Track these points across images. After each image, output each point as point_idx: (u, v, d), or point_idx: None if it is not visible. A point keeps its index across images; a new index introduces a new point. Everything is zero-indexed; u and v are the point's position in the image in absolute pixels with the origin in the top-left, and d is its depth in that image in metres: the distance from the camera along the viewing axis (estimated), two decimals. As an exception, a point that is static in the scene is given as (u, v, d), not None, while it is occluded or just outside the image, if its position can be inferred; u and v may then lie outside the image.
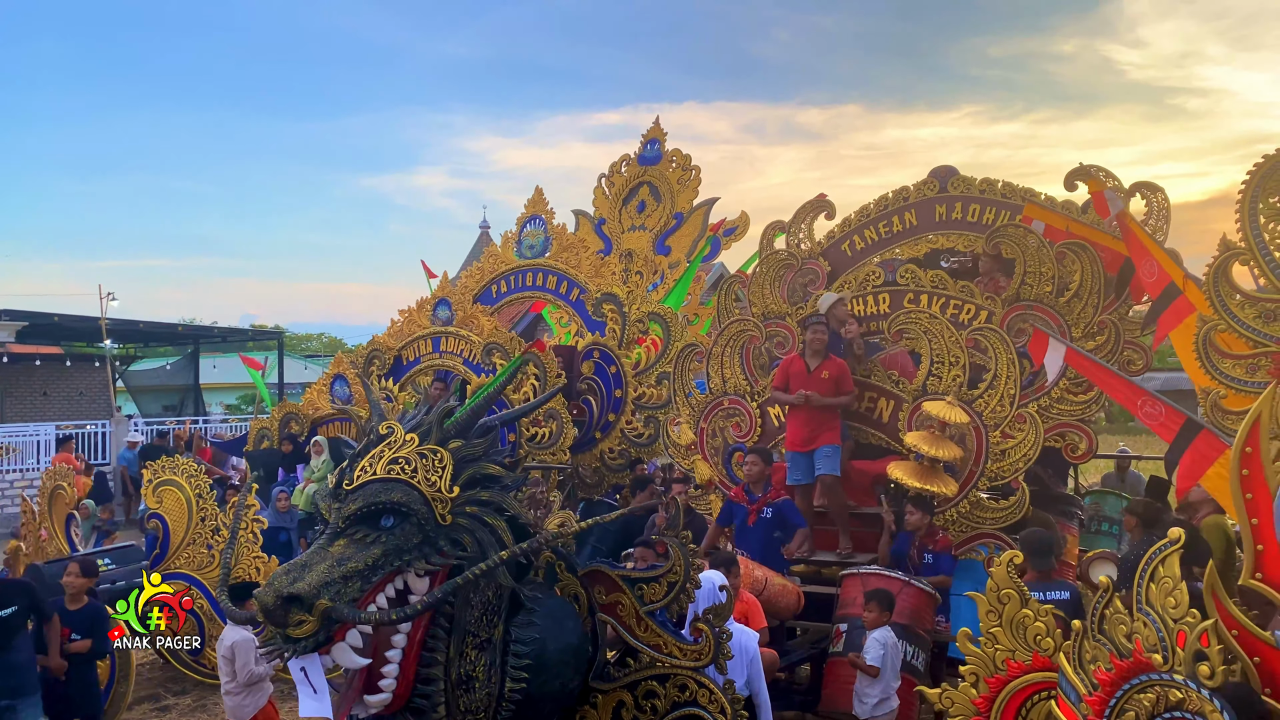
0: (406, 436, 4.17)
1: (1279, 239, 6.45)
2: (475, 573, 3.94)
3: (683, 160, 13.68)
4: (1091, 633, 3.49)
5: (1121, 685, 3.27)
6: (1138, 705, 3.20)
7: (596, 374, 11.20)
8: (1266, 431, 3.55)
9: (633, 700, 4.71)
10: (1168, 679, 3.13)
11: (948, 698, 4.23)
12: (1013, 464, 7.22)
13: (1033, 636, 4.02)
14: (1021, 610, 4.07)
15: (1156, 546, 3.35)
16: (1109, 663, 3.36)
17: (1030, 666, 4.02)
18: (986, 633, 4.13)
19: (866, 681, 5.66)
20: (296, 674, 3.91)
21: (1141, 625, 3.28)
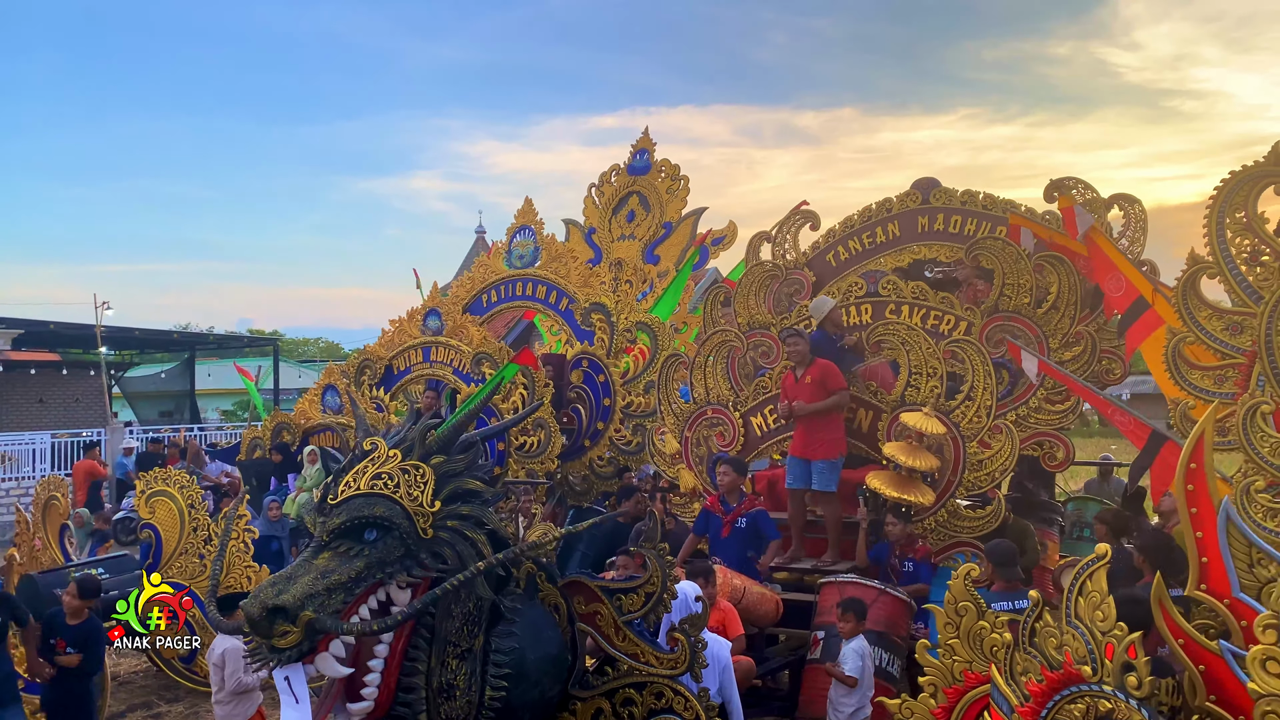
0: (390, 452, 4.30)
1: (1245, 253, 6.62)
2: (453, 584, 4.08)
3: (671, 170, 13.83)
4: (1023, 645, 3.61)
5: (1052, 696, 3.39)
6: (1068, 715, 3.32)
7: (585, 383, 11.34)
8: (1210, 448, 3.70)
9: (610, 708, 4.84)
10: (1097, 690, 3.24)
11: (907, 708, 4.35)
12: (989, 474, 7.36)
13: (989, 648, 4.13)
14: (978, 622, 4.18)
15: (1084, 562, 3.48)
16: (1040, 674, 3.48)
17: (986, 677, 4.15)
18: (944, 644, 4.24)
19: (842, 690, 5.80)
20: (280, 683, 4.04)
21: (1071, 638, 3.39)
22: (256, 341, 28.07)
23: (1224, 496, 3.60)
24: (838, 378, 7.49)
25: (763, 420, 8.31)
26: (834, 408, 7.45)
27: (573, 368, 11.36)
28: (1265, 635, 2.76)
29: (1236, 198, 6.63)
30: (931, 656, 4.26)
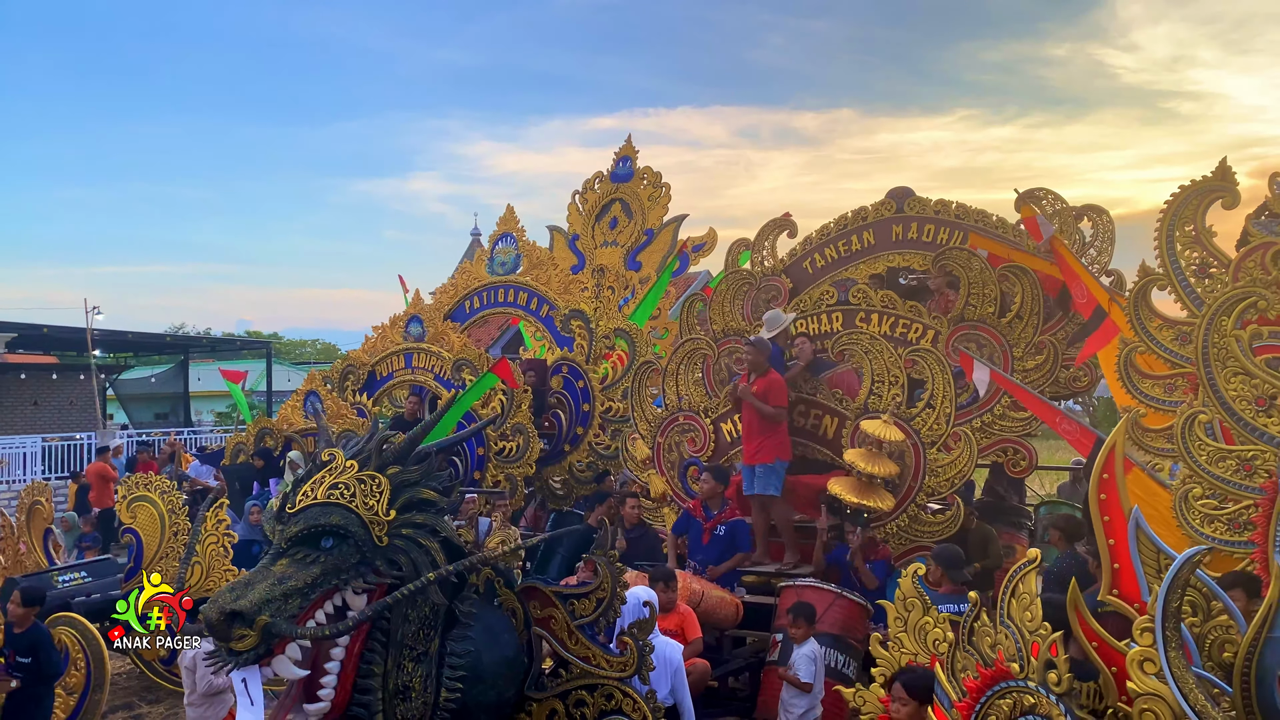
0: (347, 463, 4.47)
1: (1194, 265, 6.81)
2: (405, 593, 4.25)
3: (654, 178, 14.00)
4: (962, 644, 3.80)
5: (985, 692, 3.57)
6: (998, 710, 3.50)
7: (565, 388, 11.52)
8: (1121, 459, 3.87)
9: (564, 709, 5.02)
10: (1023, 685, 3.42)
11: (860, 696, 4.59)
12: (949, 480, 7.53)
13: (931, 641, 4.37)
14: (923, 617, 4.41)
15: (1016, 565, 3.67)
16: (976, 671, 3.68)
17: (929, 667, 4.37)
18: (893, 637, 4.48)
19: (793, 692, 5.97)
20: (238, 685, 4.22)
21: (1004, 637, 3.58)
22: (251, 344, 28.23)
23: (1134, 506, 3.77)
24: (780, 396, 7.68)
25: (733, 426, 8.48)
26: (770, 415, 7.62)
27: (553, 373, 11.54)
28: (1143, 638, 2.93)
29: (1186, 211, 6.83)
30: (883, 649, 4.50)
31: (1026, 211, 8.26)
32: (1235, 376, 5.67)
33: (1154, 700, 2.83)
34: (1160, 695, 2.82)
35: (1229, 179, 6.74)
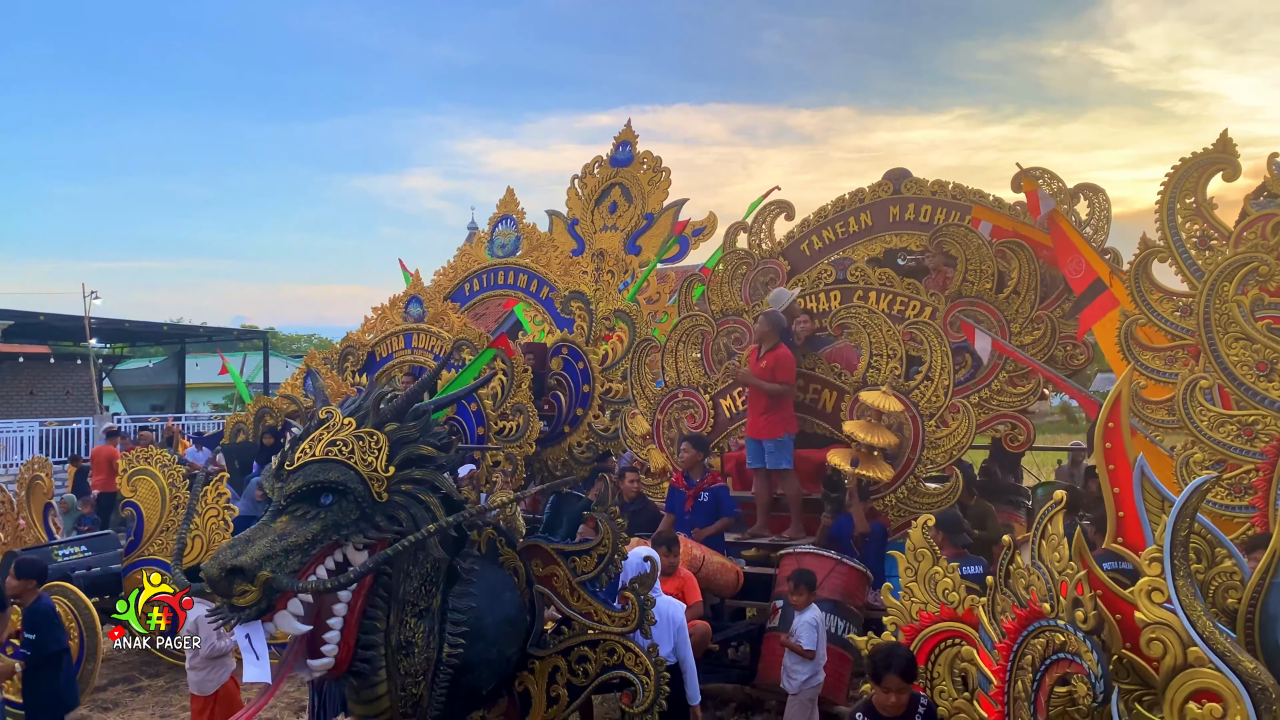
0: (344, 420, 4.46)
1: (1194, 237, 6.82)
2: (405, 544, 4.24)
3: (653, 162, 14.01)
4: (1000, 587, 3.81)
5: (1021, 632, 3.57)
6: (1033, 649, 3.50)
7: (565, 370, 11.52)
8: (1127, 408, 3.88)
9: (566, 665, 5.04)
10: (1054, 624, 3.41)
11: (870, 644, 4.63)
12: (947, 451, 7.54)
13: (941, 591, 4.42)
14: (933, 567, 4.45)
15: (1045, 508, 3.67)
16: (1013, 613, 3.68)
17: (939, 617, 4.41)
18: (904, 587, 4.52)
19: (795, 659, 5.97)
20: (241, 641, 4.21)
21: (1036, 578, 3.58)
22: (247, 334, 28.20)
23: (1139, 454, 3.78)
24: (788, 371, 7.66)
25: (732, 402, 8.49)
26: (776, 392, 7.62)
27: (552, 355, 11.54)
28: (1151, 568, 2.94)
29: (1186, 184, 6.84)
30: (894, 598, 4.53)
31: (1028, 185, 8.27)
32: (1236, 342, 5.69)
33: (1161, 629, 2.84)
34: (1168, 623, 2.83)
35: (1230, 150, 6.74)
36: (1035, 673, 3.48)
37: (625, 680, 4.91)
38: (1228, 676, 2.73)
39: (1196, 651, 2.79)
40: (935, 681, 4.52)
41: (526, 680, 5.14)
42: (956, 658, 4.44)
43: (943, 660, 4.50)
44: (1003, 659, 3.71)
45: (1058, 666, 3.42)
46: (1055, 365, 8.40)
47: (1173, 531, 2.92)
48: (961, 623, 4.45)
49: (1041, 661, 3.47)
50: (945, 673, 4.49)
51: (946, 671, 4.49)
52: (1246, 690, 2.68)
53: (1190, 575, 2.89)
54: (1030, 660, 3.51)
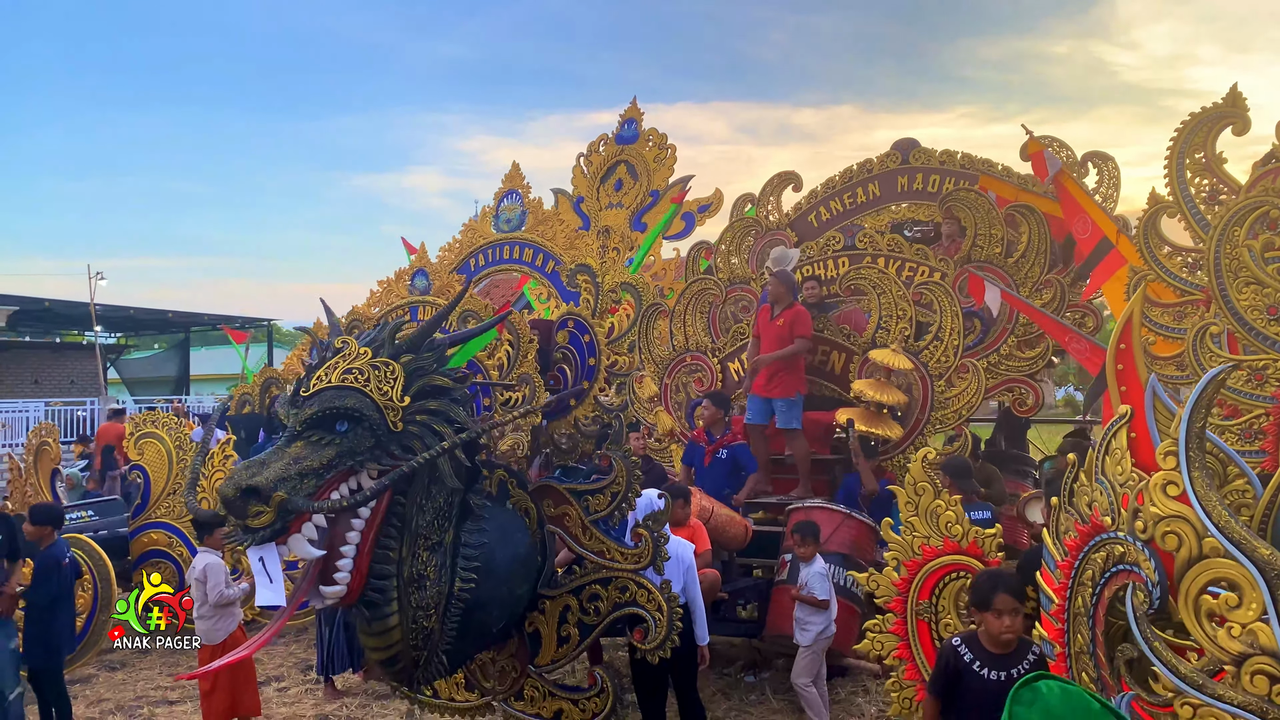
0: (360, 350, 4.47)
1: (1204, 192, 6.81)
2: (421, 460, 4.24)
3: (659, 139, 13.99)
4: (1064, 506, 3.80)
5: (1083, 548, 3.54)
6: (1094, 564, 3.45)
7: (571, 343, 11.48)
8: (1138, 329, 3.88)
9: (578, 604, 5.04)
10: (1114, 537, 3.38)
11: (874, 580, 4.61)
12: (956, 411, 7.54)
13: (944, 524, 4.39)
14: (935, 501, 4.44)
15: (1110, 421, 3.64)
16: (1075, 530, 3.66)
17: (942, 550, 4.39)
18: (905, 521, 4.51)
19: (808, 611, 5.96)
20: (255, 564, 4.20)
21: (1099, 494, 3.56)
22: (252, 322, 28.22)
23: (1151, 375, 3.77)
24: (805, 326, 7.67)
25: (740, 365, 8.50)
26: (794, 354, 7.63)
27: (558, 328, 11.52)
28: (1165, 461, 2.93)
29: (1196, 139, 6.82)
30: (894, 533, 4.52)
31: (1034, 146, 8.26)
32: (1247, 286, 5.67)
33: (1176, 522, 2.82)
34: (1183, 515, 2.82)
35: (1239, 105, 6.73)
36: (1095, 587, 3.45)
37: (636, 618, 4.92)
38: (1243, 564, 2.72)
39: (1212, 542, 2.78)
40: (940, 615, 4.52)
41: (537, 620, 5.15)
42: (962, 590, 4.44)
43: (947, 594, 4.49)
44: (1064, 577, 3.68)
45: (1116, 579, 3.40)
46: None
47: (1189, 423, 2.91)
48: (967, 555, 4.44)
49: (1101, 575, 3.45)
50: (950, 606, 4.49)
51: (951, 605, 4.49)
52: (1262, 576, 2.68)
53: (1205, 467, 2.89)
54: (1090, 575, 3.49)
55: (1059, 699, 1.27)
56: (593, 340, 11.47)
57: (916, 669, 4.55)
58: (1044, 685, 1.30)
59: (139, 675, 7.74)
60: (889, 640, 4.64)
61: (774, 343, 7.67)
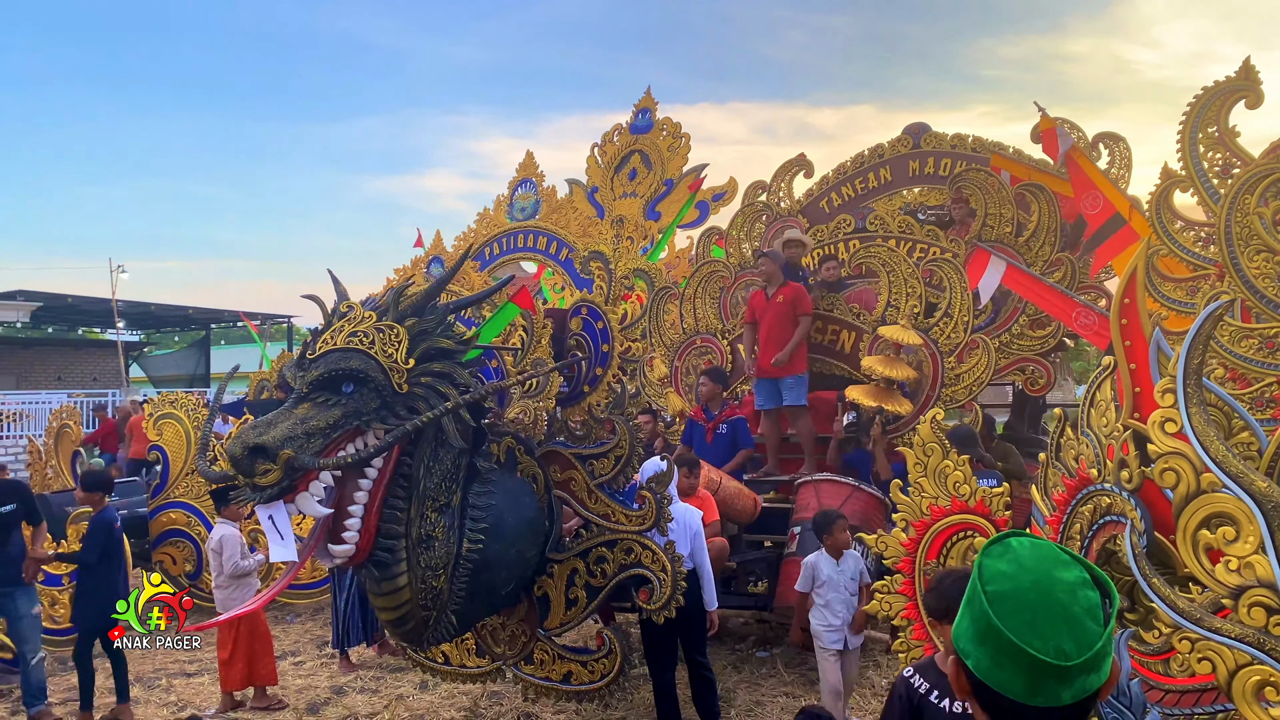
0: (365, 314, 4.53)
1: (1217, 166, 6.78)
2: (426, 419, 4.29)
3: (673, 129, 14.01)
4: (1051, 461, 3.80)
5: (1070, 502, 3.55)
6: (1081, 518, 3.46)
7: (584, 329, 11.53)
8: (1143, 284, 3.87)
9: (584, 567, 5.08)
10: (1100, 489, 3.38)
11: (882, 541, 4.62)
12: (967, 387, 7.53)
13: (952, 484, 4.40)
14: (943, 461, 4.44)
15: (1094, 375, 3.65)
16: (1062, 484, 3.67)
17: (950, 510, 4.39)
18: (913, 482, 4.51)
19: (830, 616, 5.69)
20: (265, 522, 4.26)
21: (1085, 447, 3.56)
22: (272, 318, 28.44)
23: (1154, 328, 3.76)
24: (806, 301, 7.68)
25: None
26: (801, 336, 7.64)
27: (572, 315, 11.58)
28: (1164, 399, 2.93)
29: (1209, 112, 6.79)
30: (903, 495, 4.52)
31: (1045, 123, 8.23)
32: (1258, 255, 5.64)
33: (1175, 459, 2.82)
34: (1181, 452, 2.82)
35: (1252, 77, 6.70)
36: (1083, 540, 3.45)
37: (643, 579, 4.95)
38: (1240, 498, 2.72)
39: (1210, 478, 2.78)
40: (950, 575, 4.52)
41: (545, 584, 5.19)
42: (970, 549, 4.44)
43: (955, 553, 4.49)
44: (1053, 532, 3.69)
45: (1104, 530, 3.40)
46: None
47: (1186, 359, 2.91)
48: (974, 514, 4.44)
49: (1089, 527, 3.44)
50: (958, 565, 4.49)
51: (960, 564, 4.49)
52: (1259, 509, 2.68)
53: (1203, 404, 2.89)
54: (1079, 529, 3.48)
55: (1029, 550, 1.29)
56: (606, 326, 11.55)
57: (924, 629, 4.55)
58: (1014, 540, 1.32)
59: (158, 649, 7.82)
60: (897, 601, 4.65)
61: (775, 322, 7.66)
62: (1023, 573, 1.25)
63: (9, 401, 18.95)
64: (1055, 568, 1.25)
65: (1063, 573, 1.25)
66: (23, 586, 6.03)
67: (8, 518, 6.05)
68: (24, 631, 5.99)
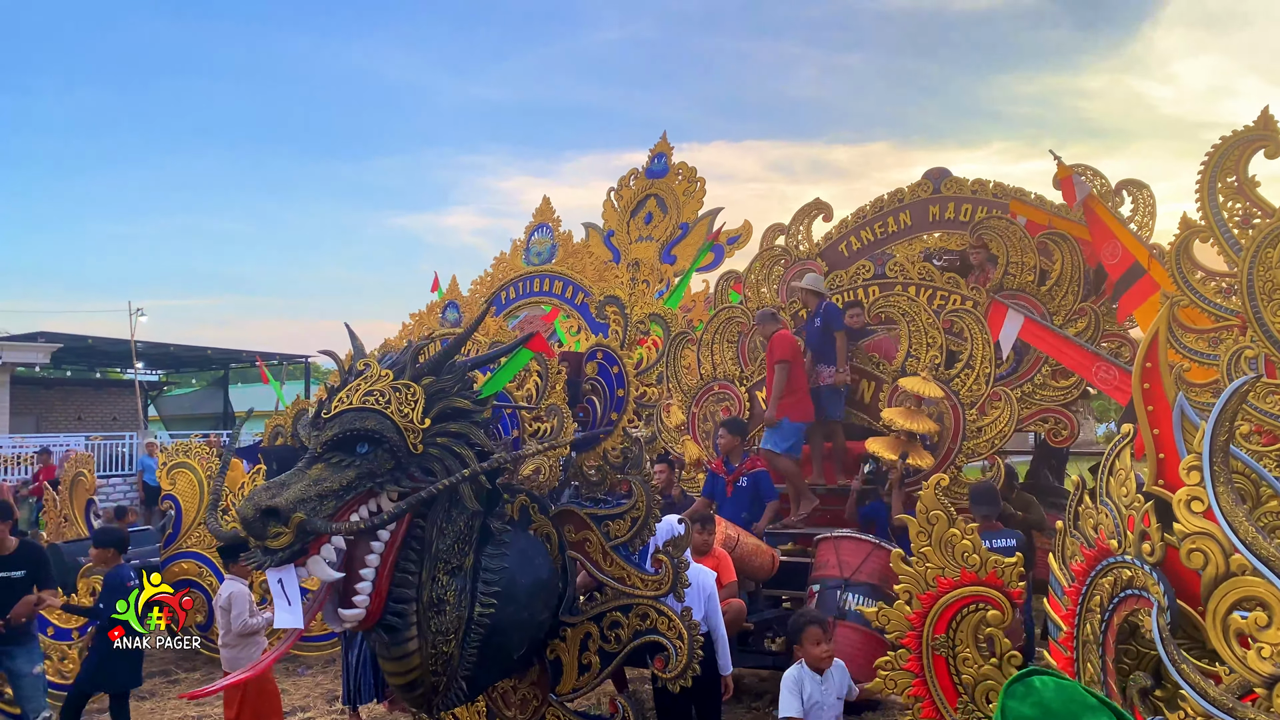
0: (381, 372, 4.49)
1: (1236, 216, 6.70)
2: (441, 486, 4.24)
3: (689, 173, 14.07)
4: (1069, 530, 3.70)
5: (1089, 573, 3.45)
6: (1101, 589, 3.36)
7: (600, 374, 11.50)
8: (1164, 347, 3.80)
9: (598, 631, 4.97)
10: (1121, 561, 3.29)
11: (884, 615, 4.47)
12: (989, 440, 7.43)
13: (960, 554, 4.26)
14: (949, 529, 4.31)
15: (1112, 442, 3.57)
16: (1081, 555, 3.57)
17: (959, 582, 4.25)
18: (918, 552, 4.36)
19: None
20: (274, 586, 4.20)
21: (1104, 516, 3.47)
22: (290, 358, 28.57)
23: (1178, 394, 3.68)
24: (779, 348, 7.83)
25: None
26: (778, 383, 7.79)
27: (587, 359, 11.55)
28: (1189, 477, 2.84)
29: (1228, 162, 6.73)
30: (904, 565, 4.38)
31: (1062, 171, 8.19)
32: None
33: (1202, 539, 2.73)
34: (1209, 533, 2.73)
35: (1270, 127, 6.63)
36: (1103, 613, 3.35)
37: (658, 645, 4.85)
38: (1272, 582, 2.63)
39: (1239, 559, 2.70)
40: (958, 649, 4.36)
41: (558, 648, 5.09)
42: (981, 623, 4.28)
43: (965, 626, 4.33)
44: (1072, 604, 3.59)
45: (1125, 604, 3.30)
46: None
47: (1212, 436, 2.83)
48: (986, 586, 4.30)
49: (1110, 600, 3.35)
50: (969, 639, 4.32)
51: (970, 638, 4.32)
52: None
53: (1230, 482, 2.80)
54: (1099, 601, 3.38)
55: (1054, 692, 1.22)
56: (621, 371, 11.49)
57: (934, 707, 4.41)
58: (1038, 680, 1.25)
59: (167, 704, 7.76)
60: (903, 678, 4.50)
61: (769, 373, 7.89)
62: (1049, 718, 1.19)
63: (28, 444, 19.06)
64: (1083, 713, 1.18)
65: (1091, 718, 1.19)
66: (23, 646, 5.95)
67: (17, 584, 5.98)
68: (26, 691, 5.93)
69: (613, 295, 11.64)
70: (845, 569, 6.24)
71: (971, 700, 4.20)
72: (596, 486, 12.20)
